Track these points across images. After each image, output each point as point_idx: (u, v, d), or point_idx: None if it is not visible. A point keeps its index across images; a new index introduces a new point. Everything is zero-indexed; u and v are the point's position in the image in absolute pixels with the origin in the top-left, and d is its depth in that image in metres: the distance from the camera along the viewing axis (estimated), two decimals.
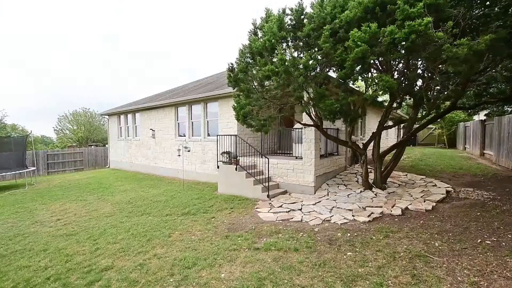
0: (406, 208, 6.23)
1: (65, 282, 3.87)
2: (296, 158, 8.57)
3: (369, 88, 5.29)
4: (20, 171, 13.17)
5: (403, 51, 4.55)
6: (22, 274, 4.15)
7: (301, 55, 5.08)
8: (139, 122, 15.42)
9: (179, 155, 11.22)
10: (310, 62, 4.39)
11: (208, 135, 11.17)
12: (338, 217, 6.02)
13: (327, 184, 8.49)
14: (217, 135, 9.34)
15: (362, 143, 7.55)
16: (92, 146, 24.21)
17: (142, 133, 15.02)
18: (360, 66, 4.37)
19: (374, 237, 4.90)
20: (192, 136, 11.82)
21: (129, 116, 16.31)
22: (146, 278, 3.86)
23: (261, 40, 5.03)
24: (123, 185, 11.36)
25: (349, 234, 5.11)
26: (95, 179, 13.76)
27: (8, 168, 13.04)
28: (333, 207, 6.69)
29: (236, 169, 8.47)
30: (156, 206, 7.70)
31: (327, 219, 5.96)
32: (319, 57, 4.66)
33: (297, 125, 8.86)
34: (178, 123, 12.68)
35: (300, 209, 6.73)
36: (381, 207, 6.37)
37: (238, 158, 8.66)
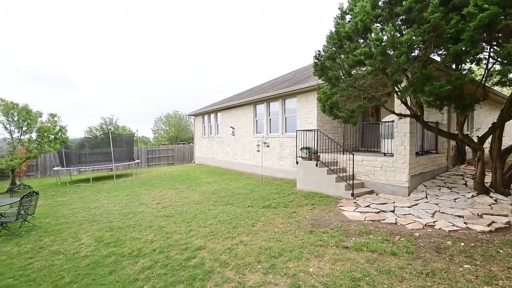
0: None
1: (167, 255, 4.32)
2: (385, 154, 7.67)
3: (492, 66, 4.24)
4: (129, 163, 15.83)
5: None
6: (135, 244, 4.84)
7: (400, 33, 4.46)
8: (220, 121, 16.57)
9: (258, 151, 11.53)
10: (414, 38, 3.77)
11: (286, 131, 11.12)
12: (444, 223, 5.07)
13: (425, 186, 7.31)
14: (296, 131, 9.18)
15: (477, 136, 6.19)
16: (180, 144, 27.34)
17: (223, 131, 16.08)
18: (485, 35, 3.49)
19: (501, 251, 3.91)
20: (270, 132, 11.98)
21: (212, 115, 17.71)
22: (235, 262, 3.98)
23: (352, 22, 4.62)
24: (207, 178, 12.35)
25: (462, 244, 4.22)
26: (184, 172, 15.42)
27: (121, 160, 15.82)
28: (436, 211, 5.69)
29: (316, 165, 8.13)
30: (238, 198, 8.04)
31: (429, 224, 5.09)
32: (425, 32, 3.96)
33: (386, 118, 7.95)
34: (256, 121, 13.06)
35: (393, 211, 5.97)
36: (506, 215, 5.08)
37: (318, 154, 8.30)
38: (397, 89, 5.42)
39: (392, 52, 4.09)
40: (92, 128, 31.49)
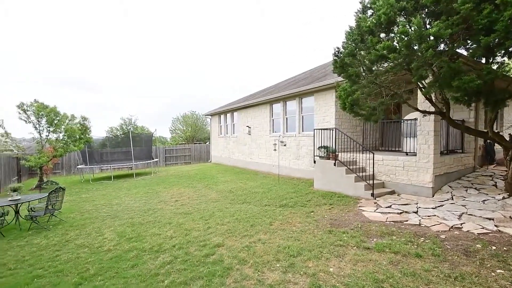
0: None
1: (187, 251, 4.37)
2: (407, 154, 7.40)
3: None
4: (148, 162, 16.25)
5: None
6: (155, 239, 4.94)
7: (426, 26, 4.27)
8: (237, 121, 16.64)
9: (275, 150, 11.48)
10: (443, 31, 3.58)
11: (302, 130, 11.00)
12: (472, 225, 4.82)
13: (450, 187, 6.98)
14: (313, 129, 9.06)
15: (510, 134, 5.83)
16: (196, 144, 27.75)
17: (239, 131, 16.15)
18: None
19: None
20: (287, 131, 11.89)
21: (228, 115, 17.83)
22: (254, 259, 3.96)
23: (374, 16, 4.48)
24: (224, 177, 12.43)
25: (494, 248, 3.99)
26: (200, 171, 15.62)
27: (140, 159, 16.26)
28: (463, 213, 5.42)
29: (334, 165, 7.97)
30: (254, 197, 8.03)
31: (456, 226, 4.85)
32: (453, 24, 3.76)
33: (408, 116, 7.68)
34: (273, 120, 13.01)
35: (416, 212, 5.74)
36: None
37: (336, 153, 8.14)
38: (421, 85, 5.21)
39: (418, 46, 3.92)
40: (112, 128, 32.65)
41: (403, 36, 3.99)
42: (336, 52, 5.08)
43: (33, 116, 11.69)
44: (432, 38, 3.77)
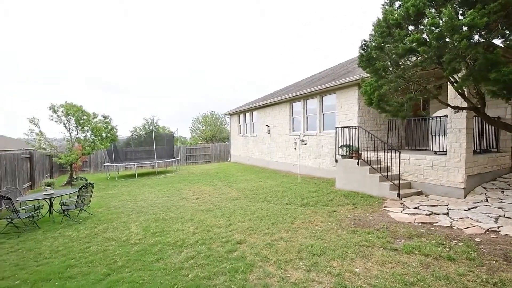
0: None
1: (209, 247, 4.42)
2: (436, 153, 7.04)
3: None
4: (169, 160, 16.66)
5: None
6: (178, 235, 5.04)
7: (458, 16, 4.02)
8: (256, 120, 16.66)
9: (295, 149, 11.37)
10: (478, 20, 3.35)
11: (323, 129, 10.80)
12: (511, 229, 4.49)
13: (484, 188, 6.55)
14: (335, 128, 8.84)
15: None
16: (216, 143, 28.10)
17: (258, 130, 16.15)
18: None
19: None
20: (307, 130, 11.72)
21: (247, 114, 17.89)
22: (277, 257, 3.93)
23: (402, 8, 4.29)
24: (244, 176, 12.48)
25: None
26: (220, 169, 15.78)
27: (162, 157, 16.70)
28: (499, 216, 5.06)
29: (357, 164, 7.75)
30: (275, 195, 7.98)
31: (492, 229, 4.54)
32: (490, 13, 3.51)
33: (437, 113, 7.31)
34: (293, 118, 12.88)
35: (446, 214, 5.44)
36: None
37: (359, 151, 7.90)
38: (452, 80, 4.93)
39: (450, 37, 3.70)
40: (136, 128, 33.84)
41: (433, 28, 3.78)
42: (363, 46, 4.91)
43: (63, 116, 12.35)
44: (465, 28, 3.54)
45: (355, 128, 8.36)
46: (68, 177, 12.99)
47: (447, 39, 4.00)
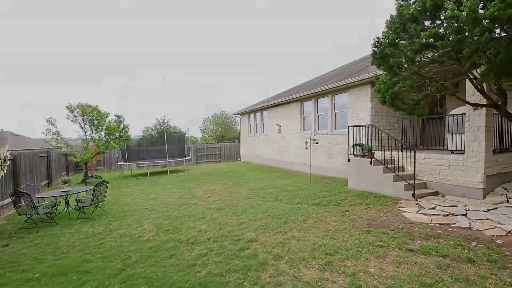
0: None
1: (221, 245, 4.42)
2: (453, 152, 6.82)
3: None
4: (181, 159, 16.85)
5: None
6: (190, 232, 5.08)
7: (478, 10, 3.88)
8: (266, 119, 16.62)
9: (306, 148, 11.27)
10: (502, 11, 3.20)
11: (335, 128, 10.66)
12: None
13: (504, 189, 6.31)
14: (348, 126, 8.71)
15: None
16: (226, 143, 28.23)
17: (269, 129, 16.11)
18: None
19: None
20: (318, 129, 11.61)
21: (258, 114, 17.88)
22: (289, 256, 3.90)
23: (418, 2, 4.18)
24: (254, 175, 12.48)
25: None
26: (231, 169, 15.84)
27: (174, 157, 16.91)
28: None
29: (370, 163, 7.61)
30: (286, 195, 7.93)
31: None
32: None
33: (454, 111, 7.09)
34: (304, 118, 12.78)
35: (465, 215, 5.27)
36: None
37: (372, 151, 7.76)
38: (471, 76, 4.76)
39: (470, 31, 3.56)
40: (148, 128, 34.40)
41: (452, 21, 3.66)
42: (376, 43, 4.81)
43: (79, 116, 12.69)
44: (487, 21, 3.40)
45: (368, 127, 8.21)
46: (83, 175, 13.32)
47: (466, 33, 3.87)
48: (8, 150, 5.65)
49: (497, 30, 4.15)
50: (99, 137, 13.53)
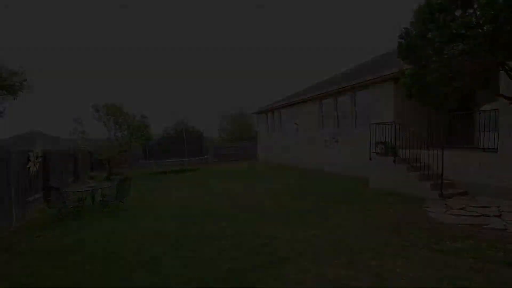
0: None
1: (242, 240, 4.42)
2: (485, 150, 6.43)
3: None
4: (199, 158, 17.13)
5: None
6: (211, 228, 5.13)
7: None
8: (284, 118, 16.50)
9: (326, 146, 11.08)
10: None
11: (356, 126, 10.39)
12: None
13: None
14: (369, 124, 8.45)
15: None
16: (243, 142, 28.32)
17: (286, 128, 15.98)
18: None
19: None
20: (338, 127, 11.37)
21: (275, 113, 17.79)
22: (312, 253, 3.83)
23: None
24: (272, 174, 12.44)
25: None
26: (248, 168, 15.89)
27: (192, 155, 17.21)
28: None
29: (394, 162, 7.34)
30: (306, 194, 7.84)
31: None
32: None
33: (485, 106, 6.69)
34: (322, 116, 12.57)
35: (499, 216, 4.95)
36: None
37: (396, 149, 7.48)
38: (507, 68, 4.47)
39: (508, 17, 3.33)
40: (167, 128, 35.24)
41: (487, 9, 3.44)
42: (403, 34, 4.62)
43: (104, 116, 13.22)
44: None
45: (391, 125, 7.92)
46: (107, 172, 13.85)
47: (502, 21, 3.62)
48: (39, 149, 5.96)
49: None
50: (122, 136, 14.02)
